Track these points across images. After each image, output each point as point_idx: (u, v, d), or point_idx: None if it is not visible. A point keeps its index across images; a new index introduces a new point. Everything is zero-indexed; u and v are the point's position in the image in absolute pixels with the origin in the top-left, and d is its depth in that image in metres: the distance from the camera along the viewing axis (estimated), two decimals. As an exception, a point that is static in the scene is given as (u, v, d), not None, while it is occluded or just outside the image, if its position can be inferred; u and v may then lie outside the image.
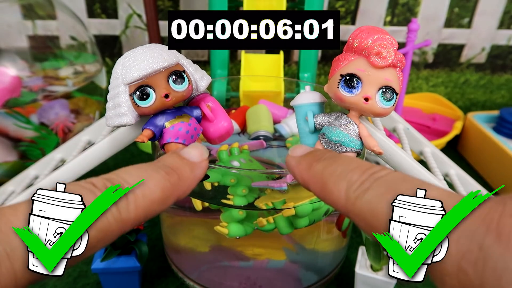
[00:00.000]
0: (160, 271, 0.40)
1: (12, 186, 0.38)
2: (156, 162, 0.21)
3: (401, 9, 0.68)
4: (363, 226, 0.19)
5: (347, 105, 0.25)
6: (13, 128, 0.44)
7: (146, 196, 0.19)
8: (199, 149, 0.23)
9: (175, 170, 0.21)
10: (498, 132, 0.57)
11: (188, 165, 0.21)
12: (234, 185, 0.31)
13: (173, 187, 0.20)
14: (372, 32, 0.24)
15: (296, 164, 0.22)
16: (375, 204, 0.18)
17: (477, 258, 0.15)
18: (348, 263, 0.41)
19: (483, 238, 0.15)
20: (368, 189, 0.18)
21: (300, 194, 0.32)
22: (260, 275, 0.36)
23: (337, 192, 0.19)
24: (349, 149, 0.25)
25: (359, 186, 0.19)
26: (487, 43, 0.71)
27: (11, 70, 0.45)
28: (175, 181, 0.20)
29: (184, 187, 0.21)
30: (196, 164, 0.22)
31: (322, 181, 0.20)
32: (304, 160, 0.22)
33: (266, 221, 0.32)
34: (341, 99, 0.25)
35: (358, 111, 0.25)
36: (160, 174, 0.20)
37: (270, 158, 0.40)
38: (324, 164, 0.21)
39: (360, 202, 0.18)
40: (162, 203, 0.19)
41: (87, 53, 0.53)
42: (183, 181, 0.21)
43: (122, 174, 0.19)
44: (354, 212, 0.19)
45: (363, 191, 0.18)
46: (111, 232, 0.18)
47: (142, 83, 0.24)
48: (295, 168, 0.22)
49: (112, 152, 0.30)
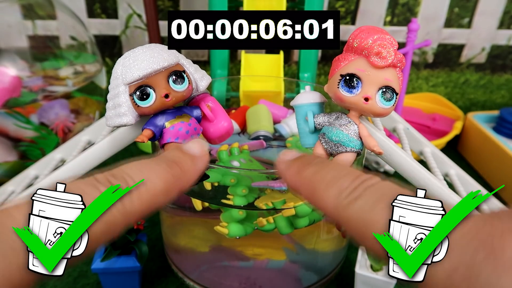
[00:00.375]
0: (160, 271, 0.40)
1: (12, 186, 0.38)
2: (158, 156, 0.21)
3: (401, 9, 0.68)
4: (352, 233, 0.18)
5: (347, 105, 0.25)
6: (13, 128, 0.44)
7: (149, 188, 0.19)
8: (199, 143, 0.23)
9: (177, 163, 0.21)
10: (498, 132, 0.57)
11: (190, 158, 0.22)
12: (234, 185, 0.31)
13: (175, 179, 0.20)
14: (372, 32, 0.24)
15: (285, 168, 0.22)
16: (367, 212, 0.18)
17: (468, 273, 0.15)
18: (348, 263, 0.41)
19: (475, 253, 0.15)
20: (360, 196, 0.18)
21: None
22: (260, 275, 0.36)
23: (327, 198, 0.19)
24: (349, 149, 0.25)
25: (350, 193, 0.18)
26: (487, 43, 0.71)
27: (11, 70, 0.45)
28: (177, 173, 0.20)
29: (186, 179, 0.21)
30: (198, 157, 0.22)
31: (312, 186, 0.20)
32: (294, 165, 0.22)
33: (266, 221, 0.32)
34: (341, 99, 0.25)
35: (358, 111, 0.25)
36: (162, 167, 0.20)
37: (270, 158, 0.40)
38: (314, 169, 0.21)
39: (351, 209, 0.18)
40: (165, 195, 0.20)
41: (87, 53, 0.53)
42: (185, 173, 0.21)
43: (125, 169, 0.19)
44: (344, 219, 0.18)
45: (354, 198, 0.18)
46: (116, 226, 0.18)
47: (142, 83, 0.24)
48: (285, 172, 0.22)
49: (112, 152, 0.30)
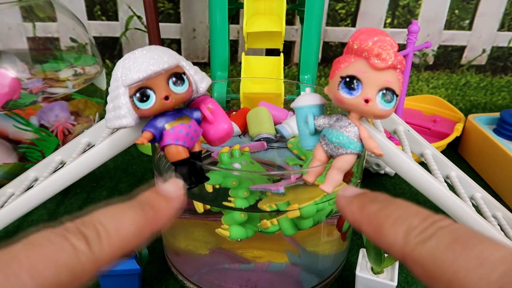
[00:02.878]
0: (160, 273, 0.40)
1: (11, 188, 0.38)
2: (133, 200, 0.22)
3: (401, 11, 0.68)
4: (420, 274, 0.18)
5: (347, 107, 0.25)
6: (12, 130, 0.44)
7: (120, 234, 0.19)
8: (175, 183, 0.23)
9: (151, 206, 0.21)
10: (498, 134, 0.57)
11: (164, 199, 0.22)
12: (235, 187, 0.31)
13: (148, 222, 0.21)
14: (372, 34, 0.24)
15: (347, 204, 0.22)
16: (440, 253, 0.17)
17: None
18: (348, 266, 0.41)
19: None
20: (431, 237, 0.18)
21: (300, 196, 0.32)
22: (261, 278, 0.36)
23: (395, 235, 0.19)
24: (349, 151, 0.25)
25: (420, 232, 0.18)
26: (488, 45, 0.71)
27: (11, 72, 0.45)
28: (150, 216, 0.21)
29: (159, 221, 0.22)
30: (172, 198, 0.23)
31: (377, 222, 0.20)
32: (356, 200, 0.22)
33: (270, 223, 0.32)
34: (341, 101, 0.25)
35: (359, 113, 0.25)
36: (135, 210, 0.20)
37: (271, 159, 0.40)
38: (379, 206, 0.21)
39: (421, 249, 0.18)
40: (137, 239, 0.20)
41: (87, 55, 0.53)
42: (159, 215, 0.21)
43: (97, 216, 0.19)
44: (413, 258, 0.18)
45: (425, 238, 0.18)
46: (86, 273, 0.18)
47: (142, 85, 0.24)
48: (346, 208, 0.22)
49: (112, 154, 0.30)
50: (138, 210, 0.21)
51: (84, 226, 0.19)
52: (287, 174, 0.33)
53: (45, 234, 0.18)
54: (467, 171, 0.56)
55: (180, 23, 0.67)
